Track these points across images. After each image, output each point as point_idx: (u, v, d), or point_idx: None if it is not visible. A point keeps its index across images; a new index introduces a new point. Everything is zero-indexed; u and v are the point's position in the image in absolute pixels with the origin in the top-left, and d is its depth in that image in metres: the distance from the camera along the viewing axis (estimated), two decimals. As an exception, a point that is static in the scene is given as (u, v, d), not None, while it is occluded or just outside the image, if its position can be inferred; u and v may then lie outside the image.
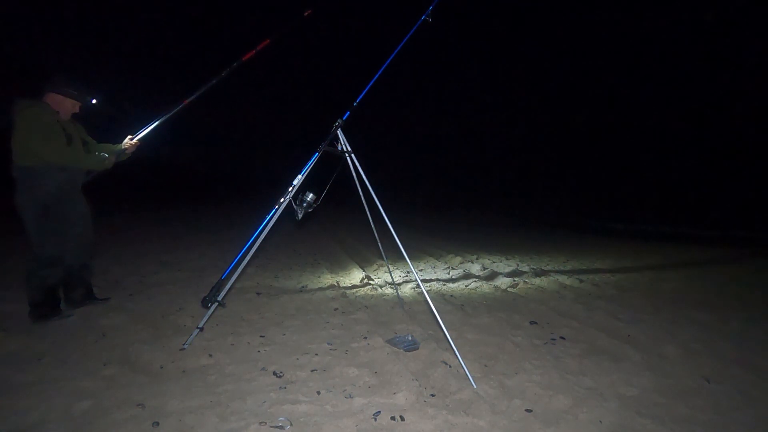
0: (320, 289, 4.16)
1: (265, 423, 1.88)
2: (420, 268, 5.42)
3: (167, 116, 3.13)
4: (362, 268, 5.23)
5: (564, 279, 4.98)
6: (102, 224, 7.18)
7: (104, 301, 3.39)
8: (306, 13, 3.22)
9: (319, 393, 2.16)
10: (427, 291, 2.55)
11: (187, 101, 3.12)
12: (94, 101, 3.05)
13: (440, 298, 4.00)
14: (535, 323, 3.35)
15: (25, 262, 2.96)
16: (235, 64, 3.10)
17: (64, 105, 2.92)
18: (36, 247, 2.89)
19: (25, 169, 2.78)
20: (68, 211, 2.97)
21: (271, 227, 2.59)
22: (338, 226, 9.78)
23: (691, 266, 6.24)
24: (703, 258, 7.09)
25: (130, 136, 3.11)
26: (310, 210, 2.70)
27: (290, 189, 2.61)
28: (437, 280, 4.83)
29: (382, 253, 3.60)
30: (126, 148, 3.11)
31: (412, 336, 2.89)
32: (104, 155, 3.02)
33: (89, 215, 3.13)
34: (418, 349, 2.72)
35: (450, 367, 2.48)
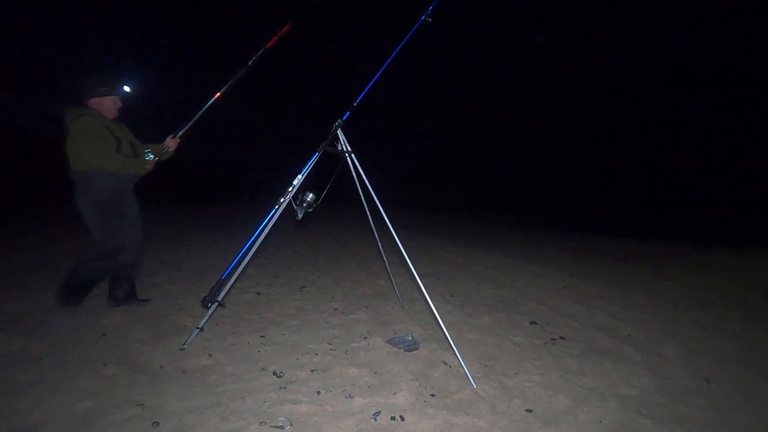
0: (320, 289, 4.16)
1: (265, 423, 1.88)
2: (420, 268, 5.41)
3: (202, 110, 3.15)
4: (362, 267, 5.23)
5: (564, 279, 4.98)
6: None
7: (145, 302, 3.42)
8: None
9: (319, 393, 2.16)
10: (427, 291, 2.54)
11: (219, 93, 3.13)
12: (127, 89, 3.09)
13: (440, 298, 4.00)
14: (535, 323, 3.35)
15: (83, 251, 3.08)
16: (260, 52, 3.10)
17: (106, 104, 3.01)
18: (100, 241, 3.01)
19: (80, 173, 2.92)
20: (124, 210, 3.08)
21: (271, 227, 2.59)
22: (338, 226, 9.78)
23: (691, 265, 6.23)
24: (703, 258, 7.08)
25: (171, 135, 3.16)
26: (310, 210, 2.70)
27: (290, 189, 2.61)
28: (437, 279, 4.83)
29: (382, 253, 3.60)
30: (169, 147, 3.17)
31: (412, 336, 2.89)
32: (150, 157, 3.11)
33: (140, 215, 3.22)
34: (418, 349, 2.72)
35: (450, 367, 2.48)
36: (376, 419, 1.95)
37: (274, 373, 2.35)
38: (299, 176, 2.63)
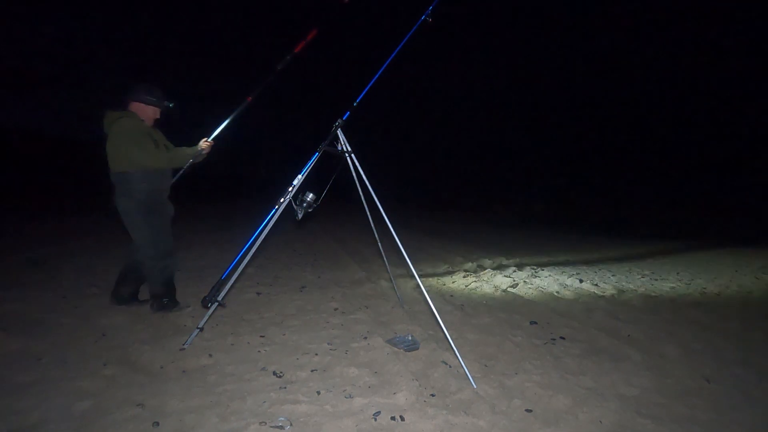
0: (320, 289, 4.16)
1: (265, 423, 1.88)
2: (420, 268, 5.42)
3: (235, 113, 3.22)
4: (362, 267, 5.23)
5: (564, 279, 4.98)
6: (102, 224, 7.18)
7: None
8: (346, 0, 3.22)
9: (319, 393, 2.16)
10: (427, 291, 2.55)
11: (251, 98, 3.19)
12: (170, 105, 3.19)
13: (440, 298, 4.00)
14: (535, 323, 3.35)
15: (144, 261, 3.11)
16: (288, 57, 3.14)
17: (147, 112, 3.08)
18: (149, 244, 3.05)
19: (121, 174, 2.95)
20: (162, 210, 3.14)
21: (271, 227, 2.59)
22: (338, 226, 9.78)
23: (692, 266, 6.23)
24: (703, 257, 7.09)
25: (205, 138, 3.21)
26: (310, 210, 2.70)
27: (290, 189, 2.61)
28: (437, 279, 4.83)
29: (382, 253, 3.60)
30: (203, 149, 3.20)
31: (412, 336, 2.89)
32: (189, 160, 3.17)
33: (170, 217, 3.27)
34: (418, 349, 2.72)
35: (450, 367, 2.48)
36: (376, 419, 1.95)
37: (274, 373, 2.35)
38: (299, 176, 2.64)
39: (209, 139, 3.21)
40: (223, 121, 3.23)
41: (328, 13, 3.18)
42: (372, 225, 3.26)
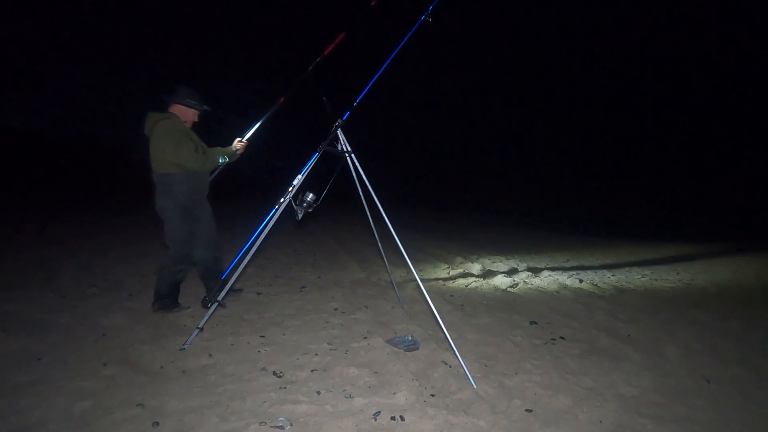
0: (320, 289, 4.16)
1: (265, 423, 1.88)
2: (420, 268, 5.42)
3: (268, 114, 3.28)
4: (362, 267, 5.23)
5: (564, 279, 4.98)
6: (101, 224, 7.19)
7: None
8: (373, 2, 3.25)
9: (319, 393, 2.16)
10: (427, 291, 2.54)
11: (283, 99, 3.25)
12: (208, 108, 3.29)
13: (440, 298, 4.00)
14: (535, 323, 3.35)
15: (161, 257, 3.23)
16: (318, 59, 3.19)
17: (187, 115, 3.18)
18: (172, 246, 3.13)
19: (163, 176, 3.04)
20: (200, 212, 3.22)
21: (271, 227, 2.59)
22: (338, 226, 9.78)
23: (691, 266, 6.23)
24: (702, 257, 7.09)
25: (238, 138, 3.28)
26: (310, 210, 2.70)
27: (290, 189, 2.61)
28: (437, 279, 4.83)
29: (382, 253, 3.60)
30: (237, 149, 3.27)
31: (412, 336, 2.89)
32: (225, 160, 3.25)
33: (213, 214, 3.35)
34: (418, 349, 2.72)
35: (450, 367, 2.48)
36: (376, 419, 1.95)
37: (274, 373, 2.35)
38: (299, 176, 2.64)
39: (243, 139, 3.29)
40: (256, 122, 3.30)
41: (356, 16, 3.21)
42: (372, 225, 3.26)
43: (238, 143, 3.28)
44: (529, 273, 5.24)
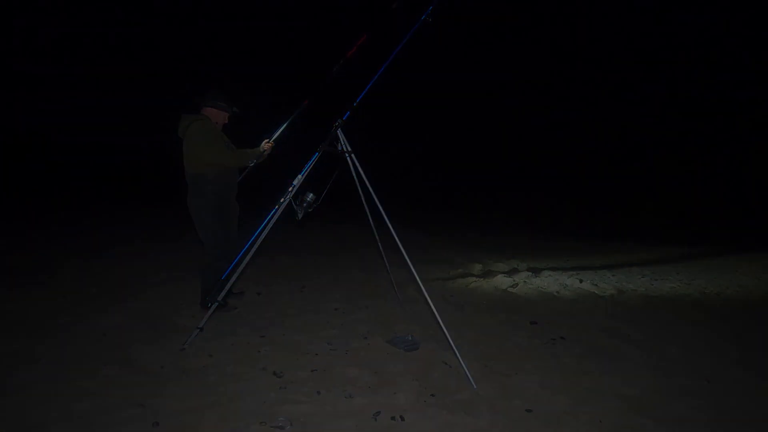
0: (320, 289, 4.16)
1: (265, 423, 1.88)
2: (420, 268, 5.40)
3: (294, 116, 3.31)
4: (362, 267, 5.23)
5: (564, 279, 4.98)
6: (101, 224, 7.19)
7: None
8: (393, 5, 3.26)
9: (319, 393, 2.16)
10: (427, 291, 2.55)
11: (307, 101, 3.28)
12: (237, 111, 3.37)
13: (440, 298, 4.00)
14: (535, 323, 3.35)
15: (203, 257, 3.31)
16: (341, 61, 3.20)
17: (218, 116, 3.27)
18: (214, 244, 3.22)
19: (196, 176, 3.12)
20: (230, 210, 3.31)
21: (271, 227, 2.59)
22: (338, 225, 9.77)
23: (691, 266, 6.24)
24: (702, 257, 7.09)
25: (266, 140, 3.32)
26: (310, 210, 2.70)
27: (290, 189, 2.61)
28: (437, 279, 4.82)
29: (382, 253, 3.60)
30: (265, 150, 3.30)
31: (412, 336, 2.89)
32: (253, 160, 3.29)
33: (238, 215, 3.44)
34: (418, 349, 2.72)
35: (450, 367, 2.48)
36: (376, 419, 1.95)
37: (274, 373, 2.35)
38: (299, 176, 2.64)
39: (270, 140, 3.33)
40: (283, 124, 3.33)
41: (378, 18, 3.22)
42: (372, 225, 3.26)
43: (265, 144, 3.33)
44: (530, 273, 5.23)
